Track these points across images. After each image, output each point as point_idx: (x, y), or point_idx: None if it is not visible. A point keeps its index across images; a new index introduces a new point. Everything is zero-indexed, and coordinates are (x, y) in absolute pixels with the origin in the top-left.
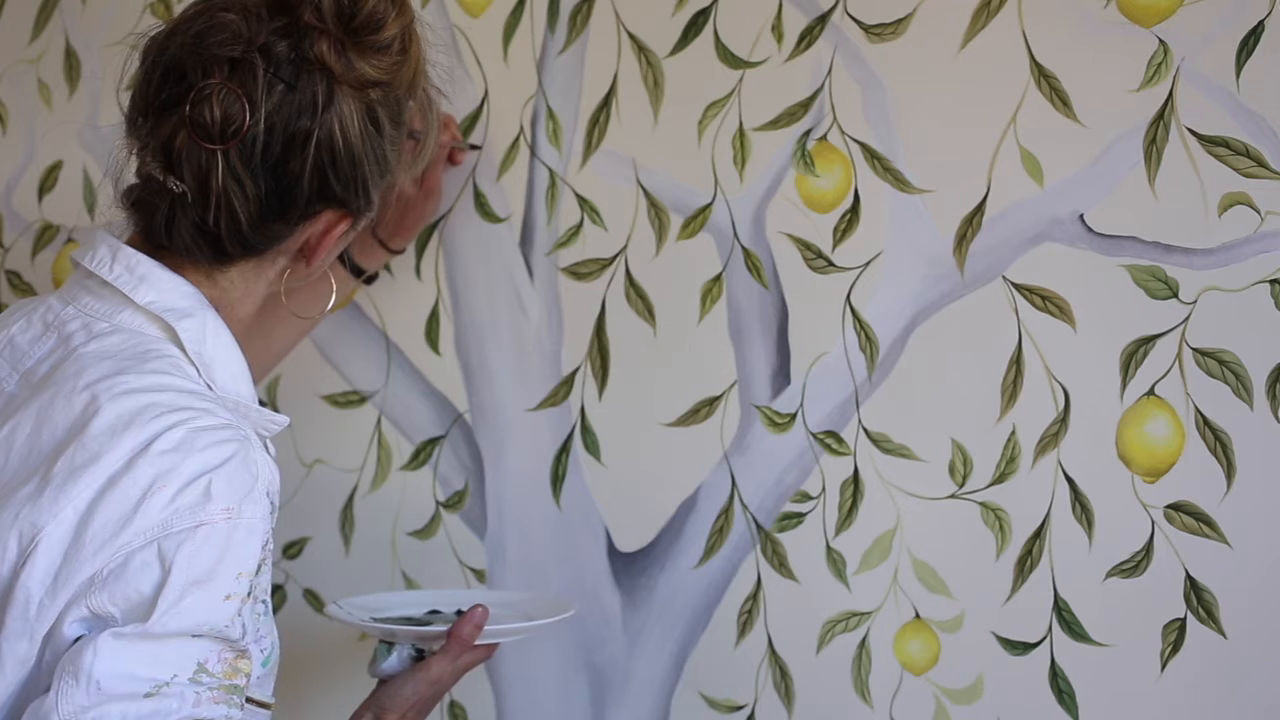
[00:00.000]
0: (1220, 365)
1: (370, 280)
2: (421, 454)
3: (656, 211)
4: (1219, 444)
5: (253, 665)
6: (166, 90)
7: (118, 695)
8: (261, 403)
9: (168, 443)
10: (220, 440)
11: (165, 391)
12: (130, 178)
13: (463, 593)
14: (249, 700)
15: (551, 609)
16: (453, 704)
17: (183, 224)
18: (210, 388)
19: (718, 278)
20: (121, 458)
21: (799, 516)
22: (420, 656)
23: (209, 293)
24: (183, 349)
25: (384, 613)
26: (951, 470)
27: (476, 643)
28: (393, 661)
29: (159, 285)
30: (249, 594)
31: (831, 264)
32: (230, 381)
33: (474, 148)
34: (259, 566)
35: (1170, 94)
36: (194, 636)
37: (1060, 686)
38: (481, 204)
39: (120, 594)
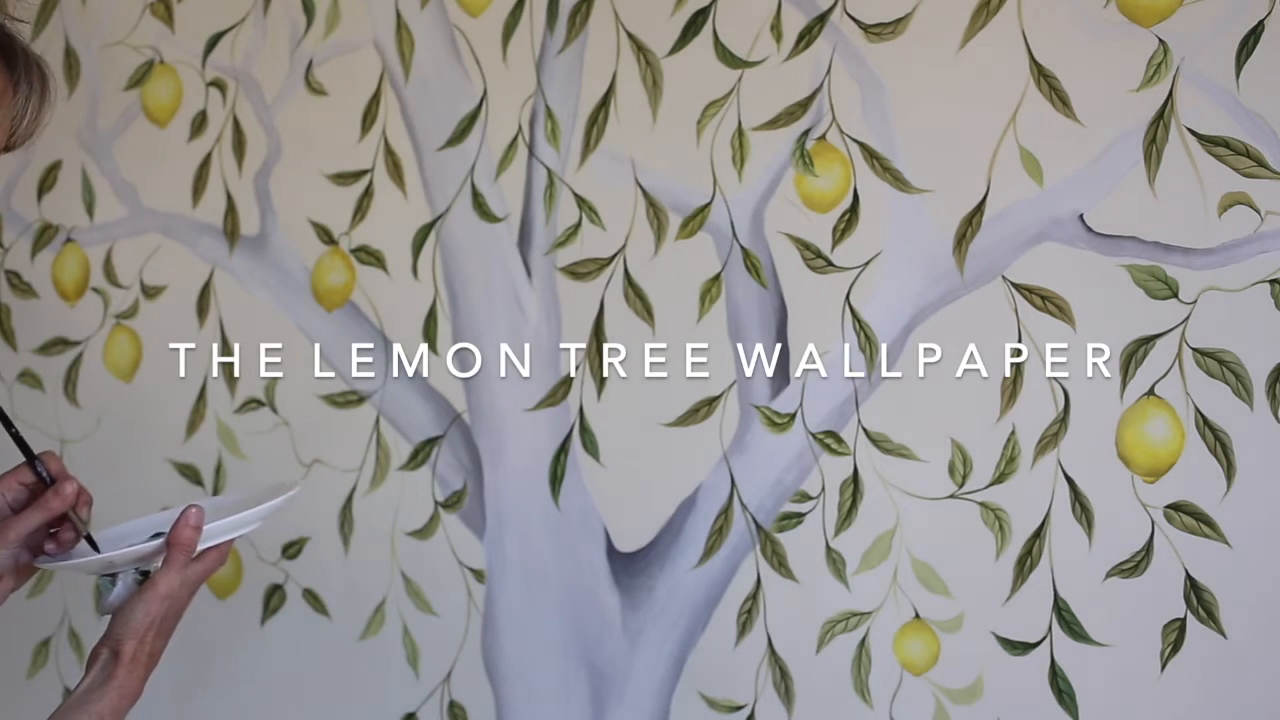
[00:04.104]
0: (1220, 365)
1: None
2: (420, 454)
3: (655, 211)
4: (1219, 444)
5: None
6: None
7: None
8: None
9: None
10: None
11: None
12: None
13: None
14: None
15: (274, 493)
16: (452, 704)
17: None
18: None
19: (717, 277)
20: None
21: (799, 516)
22: (147, 579)
23: None
24: None
25: (106, 549)
26: (951, 470)
27: (201, 546)
28: (120, 592)
29: None
30: None
31: (831, 264)
32: None
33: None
34: None
35: (1170, 94)
36: None
37: (1060, 686)
38: (479, 203)
39: None
